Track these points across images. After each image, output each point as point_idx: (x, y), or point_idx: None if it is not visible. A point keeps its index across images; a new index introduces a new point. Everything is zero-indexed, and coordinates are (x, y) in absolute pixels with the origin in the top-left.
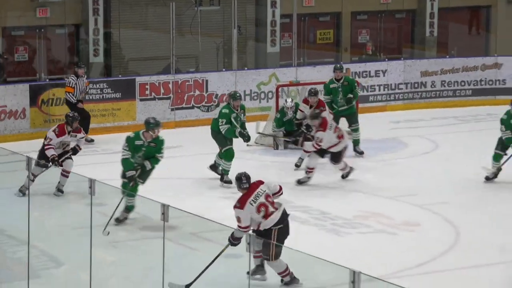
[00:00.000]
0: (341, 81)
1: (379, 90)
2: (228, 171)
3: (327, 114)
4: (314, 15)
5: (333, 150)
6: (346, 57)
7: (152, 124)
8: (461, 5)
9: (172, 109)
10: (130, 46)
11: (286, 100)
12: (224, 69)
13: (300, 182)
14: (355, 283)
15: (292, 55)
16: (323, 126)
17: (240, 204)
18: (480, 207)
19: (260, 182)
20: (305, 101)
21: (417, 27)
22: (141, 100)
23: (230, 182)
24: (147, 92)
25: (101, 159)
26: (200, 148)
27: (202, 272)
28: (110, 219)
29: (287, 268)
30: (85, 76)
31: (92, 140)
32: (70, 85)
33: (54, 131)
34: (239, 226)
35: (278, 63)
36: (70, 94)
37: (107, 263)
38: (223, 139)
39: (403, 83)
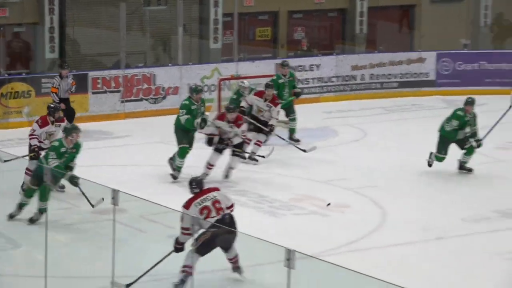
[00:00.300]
0: (287, 76)
1: (313, 83)
2: (180, 167)
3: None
4: (253, 14)
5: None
6: (283, 53)
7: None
8: (389, 4)
9: (122, 101)
10: (83, 43)
11: (243, 81)
12: (170, 64)
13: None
14: (290, 261)
15: (233, 51)
16: (241, 119)
17: (186, 204)
18: (406, 191)
19: (215, 189)
20: (259, 94)
21: (348, 25)
22: (93, 93)
23: (175, 178)
24: (99, 85)
25: None
26: (148, 137)
27: (145, 273)
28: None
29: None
30: (71, 77)
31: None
32: (54, 86)
33: (37, 122)
34: (181, 227)
35: (220, 58)
36: (54, 94)
37: (61, 243)
38: (181, 137)
39: (335, 77)
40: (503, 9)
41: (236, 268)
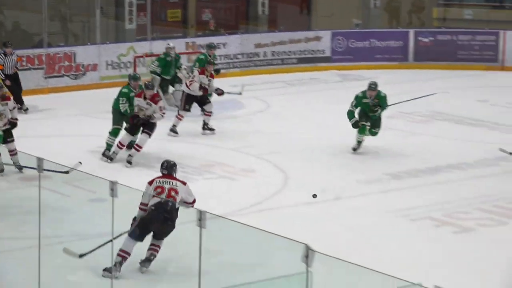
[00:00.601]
0: (212, 57)
1: (220, 60)
2: (110, 145)
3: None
4: None
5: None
6: (192, 32)
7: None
8: None
9: (45, 78)
10: (9, 24)
11: (168, 44)
12: (89, 43)
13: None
14: (201, 221)
15: (147, 31)
16: (158, 96)
17: (151, 180)
18: (306, 156)
19: (183, 182)
20: (202, 72)
21: (251, 7)
22: (19, 70)
23: (111, 158)
24: (24, 63)
25: None
26: (70, 110)
27: (99, 246)
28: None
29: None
30: (14, 54)
31: (26, 109)
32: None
33: None
34: (140, 203)
35: (135, 38)
36: (0, 71)
37: None
38: (116, 119)
39: (240, 54)
40: None
41: (149, 259)
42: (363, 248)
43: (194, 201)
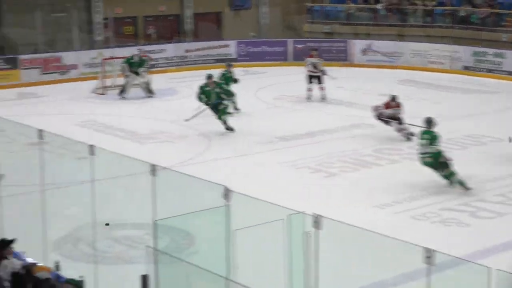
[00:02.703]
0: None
1: (161, 61)
2: None
3: None
4: (121, 18)
5: None
6: (140, 42)
7: None
8: (206, 11)
9: (42, 74)
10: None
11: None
12: (71, 50)
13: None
14: (153, 171)
15: (110, 41)
16: None
17: None
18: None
19: None
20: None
21: (180, 25)
22: (22, 69)
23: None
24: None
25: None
26: (59, 96)
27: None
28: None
29: None
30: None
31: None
32: None
33: None
34: None
35: (102, 46)
36: None
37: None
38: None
39: (175, 57)
40: (276, 14)
41: None
42: (265, 188)
43: None
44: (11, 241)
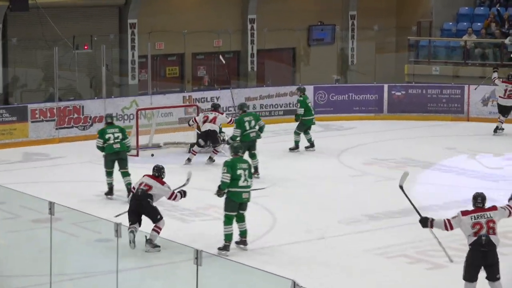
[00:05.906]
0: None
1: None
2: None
3: None
4: (164, 56)
5: None
6: (188, 87)
7: None
8: (274, 47)
9: (56, 129)
10: (23, 80)
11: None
12: (95, 97)
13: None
14: (198, 259)
15: (148, 86)
16: None
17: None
18: (290, 196)
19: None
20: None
21: (241, 64)
22: (32, 122)
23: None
24: (37, 116)
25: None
26: (79, 158)
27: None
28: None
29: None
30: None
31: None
32: None
33: None
34: None
35: (137, 92)
36: None
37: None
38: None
39: (232, 106)
40: (367, 51)
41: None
42: (345, 284)
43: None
44: None
